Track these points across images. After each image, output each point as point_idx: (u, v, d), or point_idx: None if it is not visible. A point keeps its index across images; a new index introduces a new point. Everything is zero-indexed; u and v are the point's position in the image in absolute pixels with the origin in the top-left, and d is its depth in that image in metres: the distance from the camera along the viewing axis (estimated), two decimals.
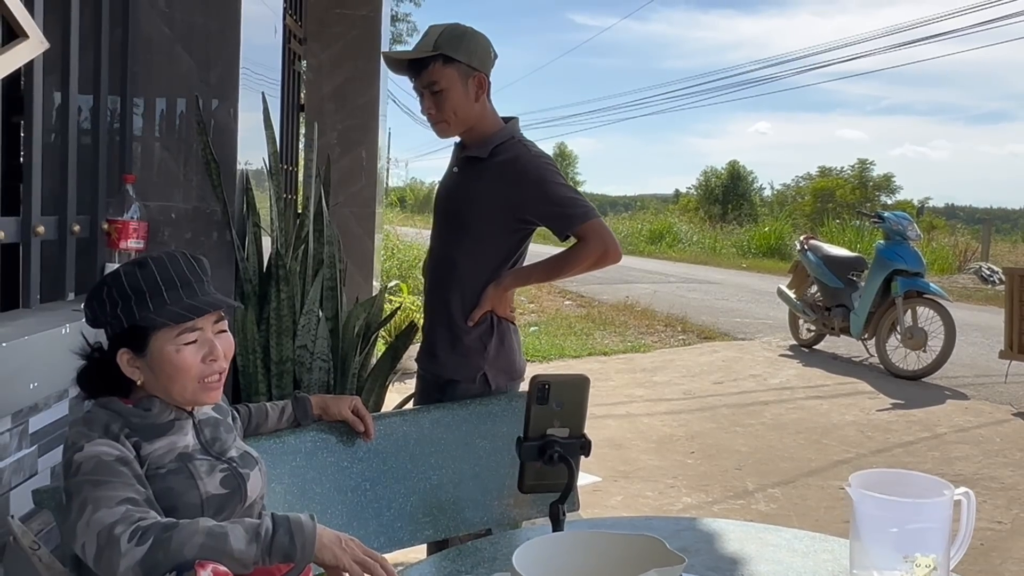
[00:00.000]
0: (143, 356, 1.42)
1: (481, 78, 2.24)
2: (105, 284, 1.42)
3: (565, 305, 11.49)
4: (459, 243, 2.30)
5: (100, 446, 1.33)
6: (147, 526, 1.22)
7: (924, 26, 42.74)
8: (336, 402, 1.94)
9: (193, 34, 2.49)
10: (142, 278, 1.40)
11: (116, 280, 1.41)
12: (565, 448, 1.46)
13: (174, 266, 1.43)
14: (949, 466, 4.56)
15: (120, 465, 1.32)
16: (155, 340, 1.41)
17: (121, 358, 1.42)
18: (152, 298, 1.40)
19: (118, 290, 1.40)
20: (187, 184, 2.53)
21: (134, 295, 1.40)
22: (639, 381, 6.79)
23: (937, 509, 1.30)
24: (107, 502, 1.25)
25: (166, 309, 1.40)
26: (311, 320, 2.49)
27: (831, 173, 39.44)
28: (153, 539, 1.20)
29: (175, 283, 1.42)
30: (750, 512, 3.92)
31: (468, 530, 2.05)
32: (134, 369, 1.43)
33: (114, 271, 1.45)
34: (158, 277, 1.41)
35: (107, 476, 1.29)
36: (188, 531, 1.22)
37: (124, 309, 1.39)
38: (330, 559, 1.28)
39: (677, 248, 22.94)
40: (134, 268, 1.43)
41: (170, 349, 1.41)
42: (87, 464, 1.30)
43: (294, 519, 1.28)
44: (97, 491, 1.26)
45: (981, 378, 6.76)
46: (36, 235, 2.06)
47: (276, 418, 1.88)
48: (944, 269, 15.57)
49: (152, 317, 1.39)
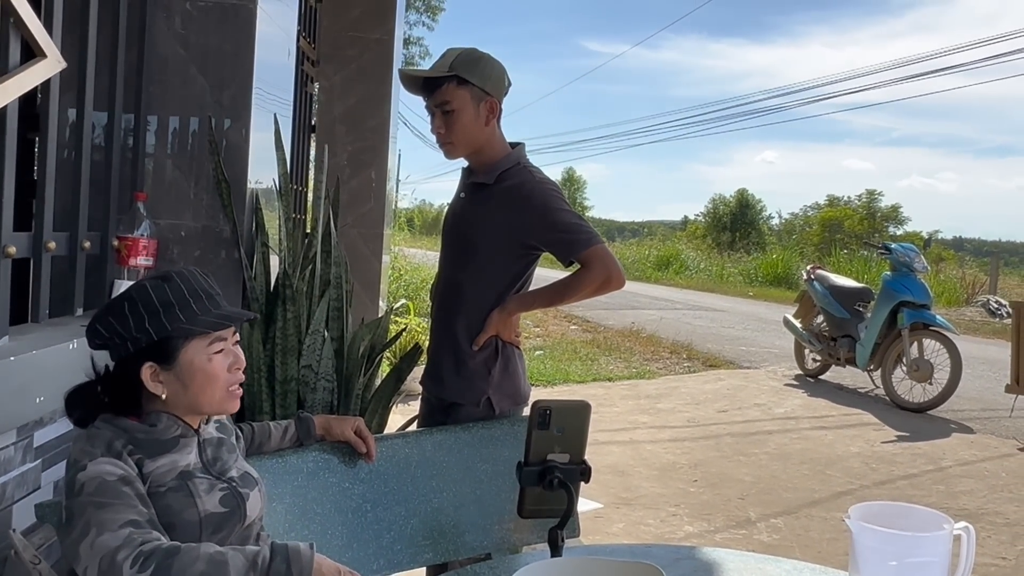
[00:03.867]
0: (171, 369, 1.43)
1: (493, 103, 2.26)
2: (127, 300, 1.43)
3: (571, 330, 11.48)
4: (466, 268, 2.31)
5: (103, 465, 1.33)
6: (149, 551, 1.22)
7: (934, 59, 42.83)
8: (339, 423, 1.95)
9: (208, 55, 2.53)
10: (171, 291, 1.43)
11: (143, 294, 1.42)
12: (565, 474, 1.46)
13: (195, 280, 1.47)
14: (953, 500, 4.53)
15: (123, 485, 1.32)
16: (186, 351, 1.43)
17: (145, 373, 1.42)
18: (182, 310, 1.42)
19: (145, 304, 1.41)
20: (197, 203, 2.55)
21: (163, 308, 1.41)
22: (643, 408, 6.77)
23: (937, 543, 1.30)
24: (110, 525, 1.25)
25: (200, 319, 1.44)
26: (316, 340, 2.50)
27: (840, 203, 39.42)
28: (155, 566, 1.21)
29: (200, 296, 1.46)
30: (752, 542, 3.90)
31: (468, 554, 2.04)
32: (157, 384, 1.43)
33: (138, 286, 1.45)
34: (185, 290, 1.44)
35: (110, 498, 1.29)
36: (189, 558, 1.22)
37: (153, 322, 1.41)
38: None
39: (684, 275, 22.94)
40: (160, 282, 1.45)
41: (202, 359, 1.44)
42: (90, 485, 1.30)
43: (292, 548, 1.28)
44: (101, 514, 1.27)
45: (987, 412, 6.72)
46: (47, 251, 2.08)
47: (279, 437, 1.89)
48: (952, 302, 15.52)
49: (187, 328, 1.42)
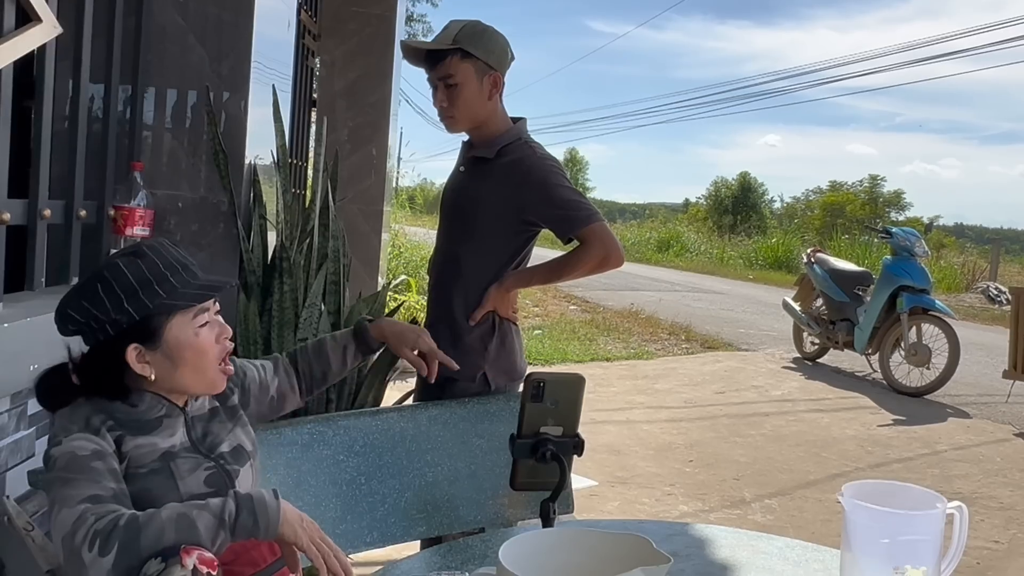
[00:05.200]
0: (156, 348, 1.38)
1: (496, 77, 2.24)
2: (100, 281, 1.35)
3: (570, 310, 11.49)
4: (464, 242, 2.30)
5: (77, 440, 1.29)
6: (105, 528, 1.17)
7: (940, 43, 42.70)
8: (397, 336, 1.82)
9: (206, 25, 2.50)
10: (145, 267, 1.36)
11: (116, 272, 1.35)
12: (558, 446, 1.46)
13: (168, 252, 1.41)
14: (948, 484, 4.54)
15: (93, 460, 1.28)
16: (171, 328, 1.38)
17: (130, 355, 1.36)
18: (160, 285, 1.36)
19: (121, 284, 1.34)
20: (195, 174, 2.54)
21: (140, 286, 1.35)
22: (640, 388, 6.78)
23: (929, 522, 1.30)
24: (69, 501, 1.21)
25: (181, 293, 1.38)
26: (313, 313, 2.50)
27: (842, 188, 39.36)
28: (118, 545, 1.16)
29: (176, 268, 1.39)
30: (746, 522, 3.91)
31: (462, 528, 2.05)
32: (144, 365, 1.37)
33: (109, 265, 1.37)
34: (160, 264, 1.38)
35: (75, 473, 1.25)
36: (155, 527, 1.18)
37: (132, 302, 1.34)
38: (290, 534, 1.27)
39: (684, 257, 22.92)
40: (133, 259, 1.37)
41: (188, 334, 1.39)
42: (61, 460, 1.27)
43: (257, 497, 1.25)
44: (64, 489, 1.23)
45: (984, 397, 6.73)
46: (43, 218, 2.07)
47: (340, 360, 1.79)
48: (952, 288, 15.52)
49: (169, 304, 1.37)
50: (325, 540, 1.30)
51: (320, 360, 1.78)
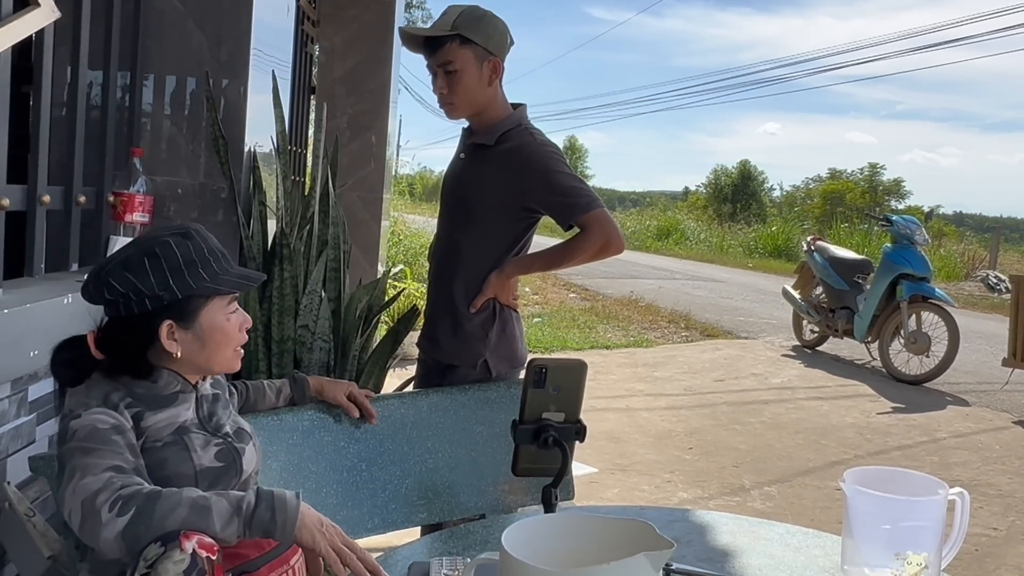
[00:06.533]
0: (188, 328, 1.42)
1: (496, 63, 2.23)
2: (148, 255, 1.38)
3: (570, 298, 11.48)
4: (464, 229, 2.29)
5: (96, 414, 1.32)
6: (129, 495, 1.20)
7: (941, 31, 42.58)
8: (332, 386, 1.95)
9: (205, 10, 2.49)
10: (193, 249, 1.41)
11: (167, 250, 1.39)
12: (560, 432, 1.46)
13: (210, 239, 1.46)
14: (947, 471, 4.55)
15: (114, 434, 1.30)
16: (207, 311, 1.43)
17: (163, 330, 1.39)
18: (205, 268, 1.41)
19: (170, 262, 1.38)
20: (194, 160, 2.53)
21: (187, 267, 1.39)
22: (640, 376, 6.78)
23: (931, 508, 1.30)
24: (93, 469, 1.23)
25: (222, 279, 1.43)
26: (313, 300, 2.49)
27: (841, 176, 39.27)
28: (135, 509, 1.18)
29: (217, 255, 1.44)
30: (746, 509, 3.92)
31: (462, 514, 2.05)
32: (173, 342, 1.41)
33: (159, 241, 1.40)
34: (205, 249, 1.43)
35: (98, 444, 1.27)
36: (171, 502, 1.20)
37: (177, 279, 1.38)
38: (308, 541, 1.27)
39: (684, 245, 22.89)
40: (183, 239, 1.41)
41: (220, 318, 1.45)
42: (81, 431, 1.29)
43: (278, 495, 1.26)
44: (86, 458, 1.25)
45: (983, 385, 6.74)
46: (42, 204, 2.06)
47: (273, 397, 1.89)
48: (951, 276, 15.51)
49: (211, 287, 1.42)
50: (348, 543, 1.30)
51: (259, 394, 1.89)
